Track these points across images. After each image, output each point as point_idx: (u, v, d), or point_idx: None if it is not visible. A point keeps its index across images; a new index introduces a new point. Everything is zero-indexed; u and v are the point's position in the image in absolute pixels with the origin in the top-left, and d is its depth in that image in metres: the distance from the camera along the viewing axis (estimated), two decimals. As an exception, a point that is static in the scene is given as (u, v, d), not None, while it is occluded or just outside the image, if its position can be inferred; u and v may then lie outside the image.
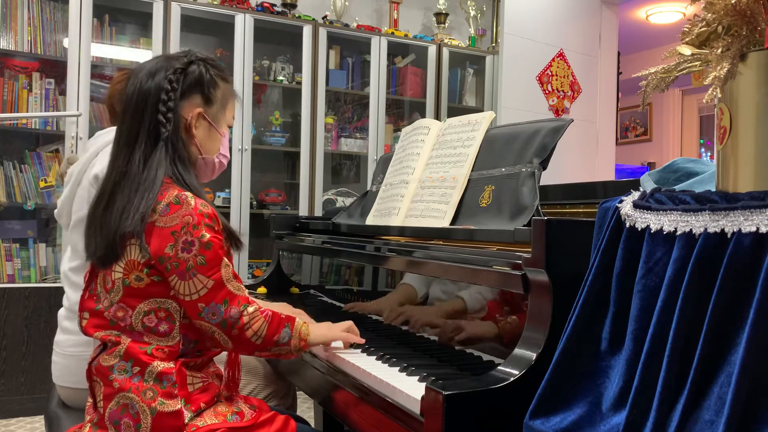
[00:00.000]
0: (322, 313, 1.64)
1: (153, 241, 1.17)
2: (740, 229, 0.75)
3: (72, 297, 1.56)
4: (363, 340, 1.40)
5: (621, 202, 0.95)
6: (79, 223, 1.48)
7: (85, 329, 1.24)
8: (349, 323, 1.42)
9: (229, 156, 1.42)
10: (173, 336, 1.20)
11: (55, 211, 1.68)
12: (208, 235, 1.18)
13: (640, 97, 0.95)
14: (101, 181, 1.28)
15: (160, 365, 1.16)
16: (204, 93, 1.32)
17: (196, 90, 1.30)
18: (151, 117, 1.24)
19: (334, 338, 1.37)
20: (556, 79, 4.44)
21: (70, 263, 1.58)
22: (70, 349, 1.54)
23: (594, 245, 0.99)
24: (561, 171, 4.14)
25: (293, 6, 3.94)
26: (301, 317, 1.56)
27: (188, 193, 1.21)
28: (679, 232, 0.82)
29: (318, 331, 1.34)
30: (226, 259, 1.21)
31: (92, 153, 1.59)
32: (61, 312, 1.61)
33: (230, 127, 1.41)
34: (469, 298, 1.28)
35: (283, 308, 1.64)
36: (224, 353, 1.33)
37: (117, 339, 1.19)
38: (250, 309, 1.22)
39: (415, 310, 1.45)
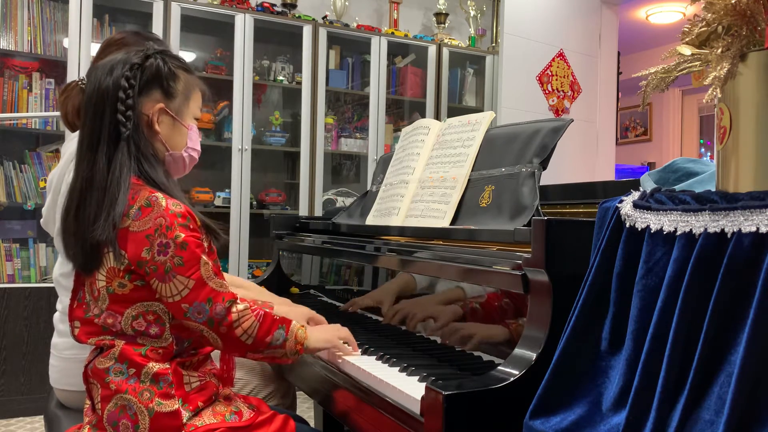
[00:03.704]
0: (321, 313, 1.64)
1: (129, 246, 1.15)
2: (740, 229, 0.75)
3: (65, 301, 1.55)
4: (358, 352, 1.37)
5: (621, 202, 0.95)
6: None
7: (78, 337, 1.23)
8: (346, 331, 1.39)
9: (199, 149, 1.36)
10: (165, 337, 1.19)
11: (41, 220, 1.67)
12: (182, 235, 1.16)
13: (640, 97, 0.95)
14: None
15: (155, 366, 1.16)
16: (164, 87, 1.27)
17: (155, 84, 1.26)
18: (110, 117, 1.21)
19: (333, 344, 1.35)
20: (556, 79, 4.44)
21: (61, 269, 1.57)
22: (66, 352, 1.54)
23: (594, 245, 0.99)
24: (561, 171, 4.14)
25: (293, 6, 3.95)
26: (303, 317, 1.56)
27: (159, 194, 1.18)
28: (679, 232, 0.82)
29: (317, 335, 1.31)
30: (204, 257, 1.18)
31: (68, 158, 1.55)
32: (56, 315, 1.61)
33: (197, 119, 1.36)
34: (468, 288, 1.28)
35: (286, 304, 1.64)
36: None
37: (111, 342, 1.18)
38: (240, 306, 1.19)
39: (414, 303, 1.45)
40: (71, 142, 1.61)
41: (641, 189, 0.97)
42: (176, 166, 1.33)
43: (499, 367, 1.06)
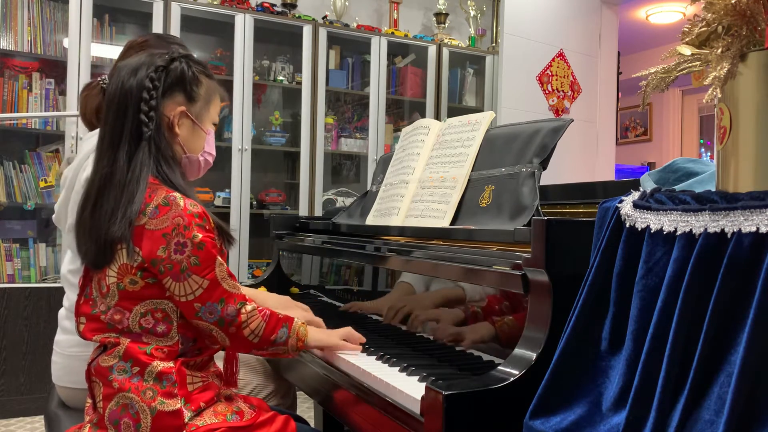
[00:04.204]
0: (321, 313, 1.64)
1: (144, 244, 1.16)
2: (740, 229, 0.75)
3: (72, 298, 1.56)
4: (360, 348, 1.38)
5: (621, 202, 0.95)
6: None
7: (83, 333, 1.24)
8: (348, 329, 1.41)
9: (214, 154, 1.40)
10: (171, 336, 1.19)
11: (53, 216, 1.68)
12: (200, 236, 1.17)
13: (640, 97, 0.95)
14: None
15: (159, 365, 1.16)
16: (186, 90, 1.29)
17: (178, 88, 1.28)
18: (133, 117, 1.22)
19: (332, 346, 1.36)
20: (556, 79, 4.44)
21: (70, 265, 1.57)
22: (70, 350, 1.54)
23: (594, 245, 0.99)
24: (561, 171, 4.14)
25: (293, 6, 3.95)
26: (304, 313, 1.56)
27: (177, 194, 1.20)
28: (679, 232, 0.82)
29: (316, 335, 1.34)
30: (219, 258, 1.21)
31: (84, 155, 1.56)
32: (62, 312, 1.61)
33: (215, 125, 1.38)
34: (468, 287, 1.29)
35: (286, 302, 1.64)
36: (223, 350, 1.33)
37: (116, 340, 1.19)
38: (248, 307, 1.23)
39: (415, 301, 1.45)
40: (88, 140, 1.63)
41: (641, 189, 0.97)
42: (192, 168, 1.35)
43: (499, 367, 1.06)
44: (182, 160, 1.32)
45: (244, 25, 3.64)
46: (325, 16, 4.00)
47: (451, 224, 1.52)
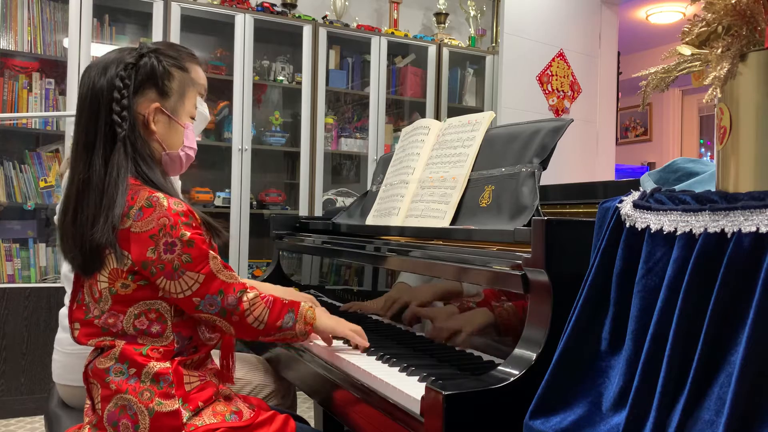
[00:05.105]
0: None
1: (133, 247, 1.15)
2: (740, 229, 0.75)
3: None
4: (368, 344, 1.39)
5: (621, 202, 0.95)
6: None
7: (78, 339, 1.23)
8: (358, 327, 1.41)
9: (195, 147, 1.36)
10: (166, 336, 1.19)
11: (55, 217, 1.68)
12: (188, 233, 1.16)
13: (640, 97, 0.95)
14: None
15: (156, 366, 1.16)
16: (158, 86, 1.26)
17: (149, 84, 1.25)
18: (106, 118, 1.20)
19: (341, 333, 1.37)
20: (556, 79, 4.44)
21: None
22: (71, 347, 1.54)
23: (594, 245, 0.99)
24: (561, 171, 4.14)
25: (293, 6, 3.95)
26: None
27: (160, 194, 1.18)
28: (679, 232, 0.82)
29: (327, 321, 1.35)
30: (212, 252, 1.20)
31: None
32: (62, 311, 1.62)
33: (193, 118, 1.35)
34: (468, 287, 1.28)
35: (291, 294, 1.64)
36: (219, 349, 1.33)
37: (111, 343, 1.19)
38: (250, 295, 1.23)
39: (414, 302, 1.45)
40: None
41: (641, 189, 0.97)
42: (173, 165, 1.33)
43: (499, 367, 1.06)
44: (162, 157, 1.29)
45: (244, 25, 3.64)
46: (325, 16, 4.00)
47: (451, 224, 1.52)
